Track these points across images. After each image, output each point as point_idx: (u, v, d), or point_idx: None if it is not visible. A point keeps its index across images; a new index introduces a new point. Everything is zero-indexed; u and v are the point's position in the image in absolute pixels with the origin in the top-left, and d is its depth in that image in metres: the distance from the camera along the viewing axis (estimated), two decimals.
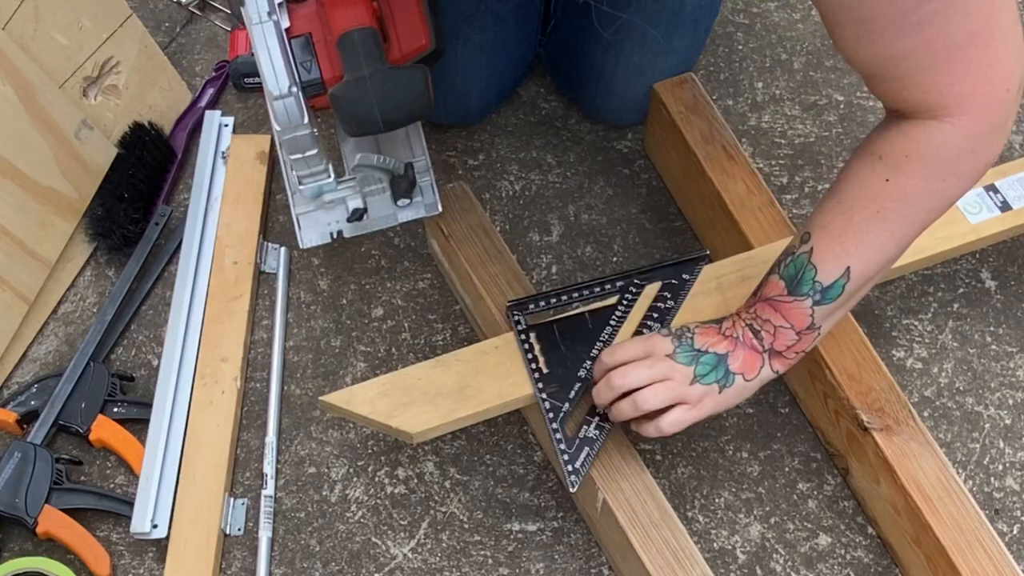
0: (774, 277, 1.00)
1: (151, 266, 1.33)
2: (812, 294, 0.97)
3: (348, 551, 1.17)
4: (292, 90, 0.95)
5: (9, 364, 1.26)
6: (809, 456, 1.21)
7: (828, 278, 0.96)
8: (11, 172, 1.22)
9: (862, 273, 0.96)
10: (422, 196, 1.15)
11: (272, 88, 0.95)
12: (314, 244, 1.14)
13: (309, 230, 1.14)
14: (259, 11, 0.94)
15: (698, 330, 1.03)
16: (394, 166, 1.12)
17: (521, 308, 1.12)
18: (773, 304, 1.00)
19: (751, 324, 1.01)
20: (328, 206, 1.14)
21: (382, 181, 1.13)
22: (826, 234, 0.96)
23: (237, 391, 1.22)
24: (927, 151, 0.90)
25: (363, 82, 0.92)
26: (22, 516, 1.13)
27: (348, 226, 1.14)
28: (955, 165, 0.90)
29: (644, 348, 1.02)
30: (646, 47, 1.29)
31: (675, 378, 1.00)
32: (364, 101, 0.93)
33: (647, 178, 1.40)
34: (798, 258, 0.97)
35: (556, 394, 1.08)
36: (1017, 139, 1.43)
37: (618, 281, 1.13)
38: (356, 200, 1.12)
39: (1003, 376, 1.26)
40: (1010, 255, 1.33)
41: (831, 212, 0.96)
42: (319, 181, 1.06)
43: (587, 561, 1.16)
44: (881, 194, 0.92)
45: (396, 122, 0.95)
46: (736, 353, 1.01)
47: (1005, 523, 1.17)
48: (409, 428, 1.05)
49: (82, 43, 1.31)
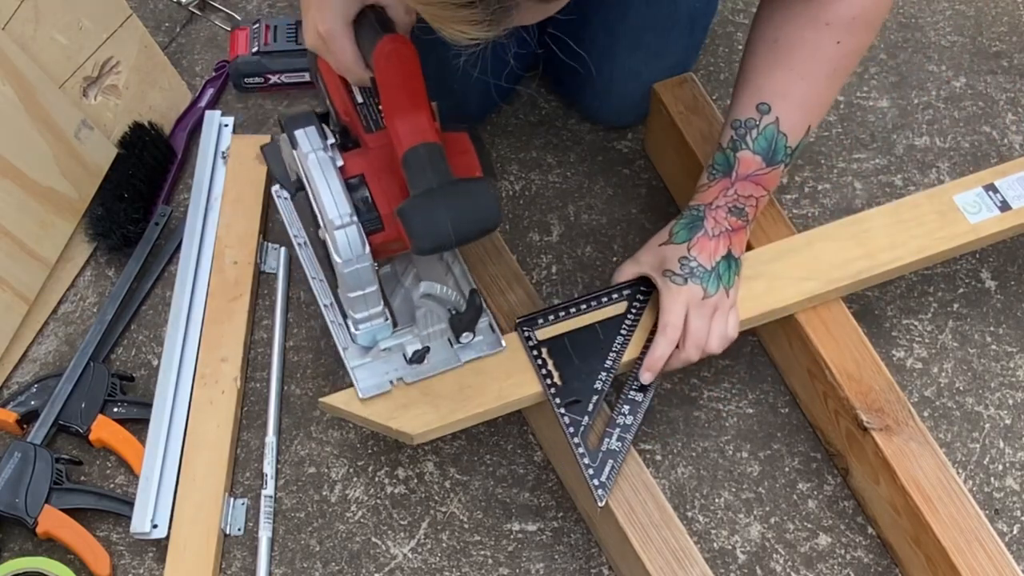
0: (745, 154, 1.05)
1: (151, 266, 1.33)
2: (785, 159, 1.05)
3: (348, 551, 1.17)
4: (353, 218, 0.94)
5: (9, 364, 1.26)
6: (809, 456, 1.21)
7: (795, 141, 1.05)
8: (11, 172, 1.22)
9: (815, 127, 1.07)
10: (482, 335, 1.10)
11: (333, 216, 0.94)
12: (372, 394, 1.06)
13: (367, 381, 1.07)
14: (311, 143, 0.95)
15: (694, 252, 1.07)
16: (456, 299, 1.09)
17: (531, 324, 1.12)
18: (753, 179, 1.05)
19: (733, 206, 1.06)
20: (384, 355, 1.08)
21: (441, 321, 1.09)
22: (788, 102, 1.04)
23: (237, 391, 1.22)
24: (870, 10, 1.02)
25: (433, 195, 0.90)
26: (22, 516, 1.13)
27: (409, 370, 1.07)
28: (881, 18, 1.04)
29: (680, 312, 1.06)
30: (640, 51, 1.29)
31: (717, 306, 1.08)
32: (435, 213, 0.90)
33: (647, 178, 1.40)
34: (765, 130, 1.04)
35: (574, 408, 1.07)
36: (1017, 139, 1.43)
37: (625, 289, 1.13)
38: (415, 343, 1.08)
39: (1003, 376, 1.26)
40: (1010, 255, 1.33)
41: (788, 80, 1.03)
42: (375, 324, 1.04)
43: (587, 561, 1.16)
44: (835, 56, 1.03)
45: (468, 235, 0.92)
46: (733, 242, 1.07)
47: (1005, 523, 1.17)
48: (409, 429, 1.05)
49: (82, 43, 1.31)
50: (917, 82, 1.47)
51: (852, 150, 1.41)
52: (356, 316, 1.05)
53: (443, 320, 1.09)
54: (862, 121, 1.43)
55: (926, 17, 1.54)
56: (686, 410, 1.24)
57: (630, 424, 1.07)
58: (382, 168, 0.99)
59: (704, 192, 1.09)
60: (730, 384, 1.26)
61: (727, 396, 1.25)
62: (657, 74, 1.31)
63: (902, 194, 1.38)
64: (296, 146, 0.98)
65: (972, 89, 1.47)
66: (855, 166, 1.40)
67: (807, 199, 1.38)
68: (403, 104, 0.93)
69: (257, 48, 1.44)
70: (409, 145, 0.92)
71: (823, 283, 1.14)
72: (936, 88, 1.47)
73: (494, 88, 1.37)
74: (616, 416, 1.08)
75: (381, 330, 1.07)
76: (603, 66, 1.31)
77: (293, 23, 1.47)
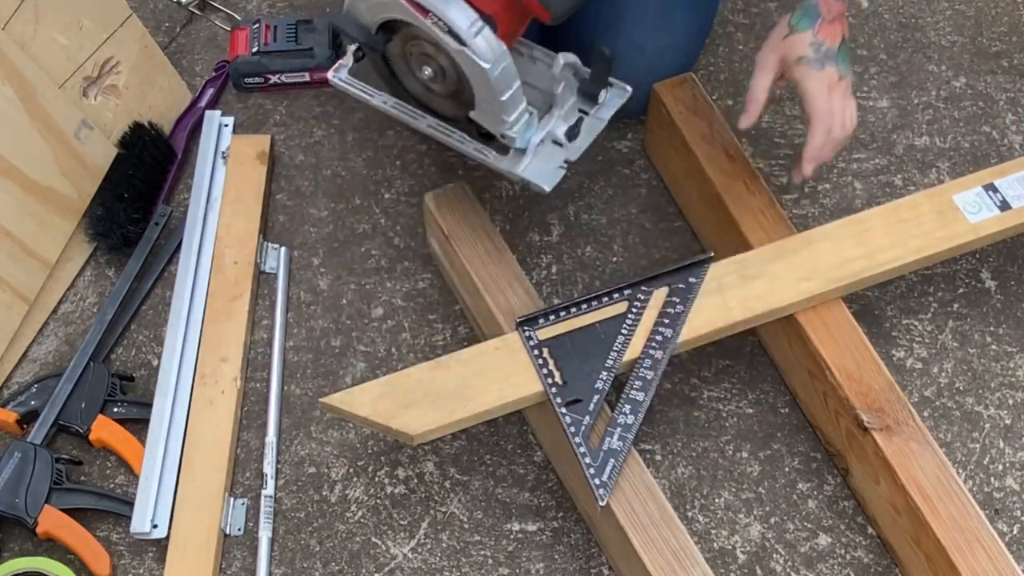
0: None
1: (151, 266, 1.33)
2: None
3: (348, 551, 1.17)
4: (481, 22, 0.99)
5: (9, 364, 1.26)
6: (809, 456, 1.21)
7: None
8: (11, 172, 1.22)
9: None
10: (604, 93, 1.15)
11: (465, 25, 0.98)
12: (555, 184, 1.12)
13: (542, 177, 1.12)
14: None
15: (820, 36, 1.13)
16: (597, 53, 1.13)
17: (531, 324, 1.12)
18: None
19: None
20: (539, 149, 1.13)
21: (572, 94, 1.14)
22: None
23: (237, 391, 1.22)
24: None
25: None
26: (22, 516, 1.13)
27: (572, 148, 1.13)
28: None
29: (827, 96, 1.13)
30: (646, 22, 1.30)
31: (847, 86, 1.15)
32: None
33: (647, 178, 1.40)
34: None
35: (575, 407, 1.08)
36: (1017, 139, 1.43)
37: (625, 289, 1.13)
38: (561, 126, 1.13)
39: (1003, 376, 1.26)
40: (1010, 255, 1.33)
41: None
42: (523, 122, 1.08)
43: (587, 561, 1.16)
44: None
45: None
46: (844, 25, 1.15)
47: (1005, 523, 1.17)
48: (410, 430, 1.05)
49: (82, 43, 1.31)
50: (917, 82, 1.47)
51: (852, 150, 1.41)
52: (509, 119, 1.07)
53: (573, 93, 1.13)
54: (862, 121, 1.43)
55: (926, 17, 1.54)
56: (686, 410, 1.24)
57: (631, 424, 1.07)
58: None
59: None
60: (730, 384, 1.26)
61: (727, 396, 1.25)
62: (663, 52, 1.31)
63: (902, 194, 1.38)
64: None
65: (972, 89, 1.47)
66: (855, 166, 1.40)
67: (807, 199, 1.38)
68: None
69: (257, 48, 1.44)
70: None
71: (823, 283, 1.14)
72: (936, 88, 1.47)
73: None
74: (617, 416, 1.08)
75: (529, 126, 1.10)
76: (607, 40, 1.31)
77: (293, 23, 1.47)
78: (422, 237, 1.35)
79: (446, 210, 1.22)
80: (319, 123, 1.45)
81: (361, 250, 1.35)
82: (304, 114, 1.46)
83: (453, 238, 1.21)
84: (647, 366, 1.10)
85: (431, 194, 1.24)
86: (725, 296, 1.13)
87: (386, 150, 1.42)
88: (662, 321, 1.11)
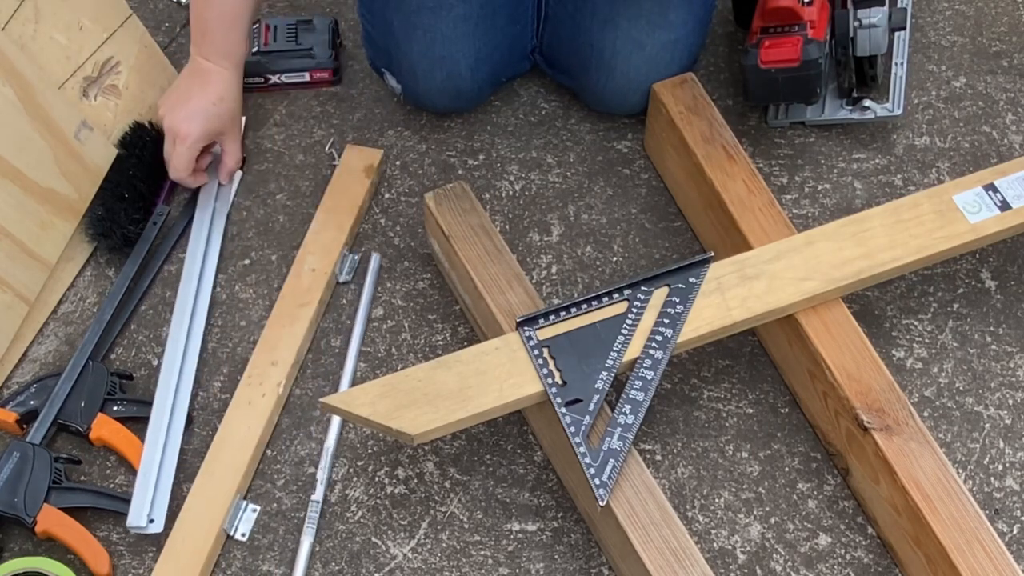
0: None
1: (149, 265, 1.33)
2: None
3: (348, 551, 1.17)
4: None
5: (9, 364, 1.26)
6: (809, 456, 1.21)
7: None
8: (11, 172, 1.22)
9: None
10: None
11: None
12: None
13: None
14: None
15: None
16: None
17: (531, 324, 1.12)
18: None
19: None
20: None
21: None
22: None
23: (278, 396, 1.22)
24: None
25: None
26: (21, 515, 1.13)
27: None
28: None
29: None
30: (643, 18, 1.29)
31: None
32: None
33: (647, 178, 1.40)
34: None
35: (575, 407, 1.08)
36: (1017, 139, 1.43)
37: (625, 289, 1.13)
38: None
39: (1003, 376, 1.26)
40: (1010, 255, 1.33)
41: None
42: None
43: (587, 561, 1.16)
44: None
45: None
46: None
47: (1005, 523, 1.17)
48: (410, 430, 1.05)
49: (82, 43, 1.31)
50: (917, 82, 1.47)
51: (852, 150, 1.41)
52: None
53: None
54: (862, 121, 1.43)
55: (926, 17, 1.54)
56: (686, 410, 1.24)
57: (631, 423, 1.07)
58: None
59: None
60: (730, 384, 1.26)
61: (727, 396, 1.25)
62: (660, 48, 1.31)
63: (902, 194, 1.38)
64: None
65: (972, 89, 1.47)
66: (855, 166, 1.40)
67: (807, 199, 1.38)
68: None
69: (257, 48, 1.44)
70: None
71: (823, 283, 1.14)
72: (936, 88, 1.47)
73: (484, 66, 1.36)
74: (617, 415, 1.08)
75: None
76: (605, 37, 1.31)
77: (293, 23, 1.47)
78: (422, 237, 1.35)
79: (446, 210, 1.23)
80: (319, 123, 1.45)
81: (361, 250, 1.35)
82: (304, 114, 1.46)
83: (453, 238, 1.21)
84: (647, 366, 1.10)
85: (431, 194, 1.24)
86: (725, 296, 1.13)
87: (386, 150, 1.42)
88: (662, 321, 1.11)
